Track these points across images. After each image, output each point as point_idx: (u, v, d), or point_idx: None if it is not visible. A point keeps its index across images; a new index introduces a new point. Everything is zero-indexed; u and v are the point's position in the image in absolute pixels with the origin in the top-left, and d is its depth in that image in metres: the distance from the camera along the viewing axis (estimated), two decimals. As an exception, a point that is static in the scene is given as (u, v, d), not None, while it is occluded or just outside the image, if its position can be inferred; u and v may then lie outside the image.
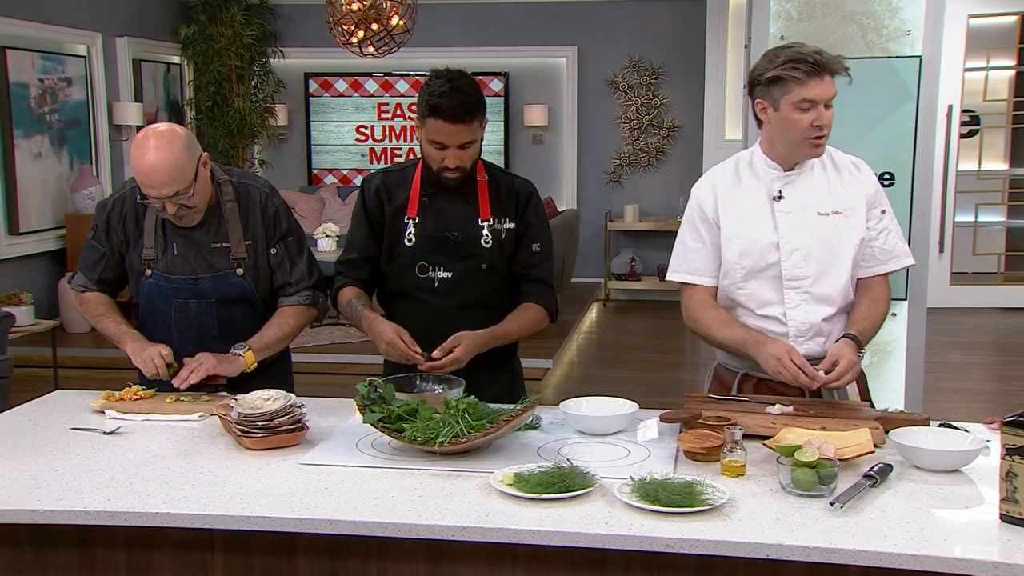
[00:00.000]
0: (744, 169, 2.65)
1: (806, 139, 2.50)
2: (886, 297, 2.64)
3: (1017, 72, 9.28)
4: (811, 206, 2.57)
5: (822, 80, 2.45)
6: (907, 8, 4.45)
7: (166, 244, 2.74)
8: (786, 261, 2.57)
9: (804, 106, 2.46)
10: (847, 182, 2.60)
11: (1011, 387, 6.62)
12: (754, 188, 2.61)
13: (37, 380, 5.86)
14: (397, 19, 7.13)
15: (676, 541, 1.81)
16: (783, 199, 2.58)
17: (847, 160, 2.65)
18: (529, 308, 2.78)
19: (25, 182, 7.35)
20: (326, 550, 1.98)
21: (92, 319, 2.85)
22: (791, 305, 2.58)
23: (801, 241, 2.56)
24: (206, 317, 2.76)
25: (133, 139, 2.63)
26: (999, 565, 1.71)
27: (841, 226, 2.57)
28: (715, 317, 2.63)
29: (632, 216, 9.19)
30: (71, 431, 2.48)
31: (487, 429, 2.20)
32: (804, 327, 2.58)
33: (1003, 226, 9.58)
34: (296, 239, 2.84)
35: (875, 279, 2.63)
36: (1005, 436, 1.86)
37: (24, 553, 2.07)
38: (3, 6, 7.09)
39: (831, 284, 2.58)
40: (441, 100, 2.56)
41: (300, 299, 2.83)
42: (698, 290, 2.68)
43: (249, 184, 2.80)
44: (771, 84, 2.49)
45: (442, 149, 2.62)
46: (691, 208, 2.69)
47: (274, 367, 2.89)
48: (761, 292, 2.60)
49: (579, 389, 6.13)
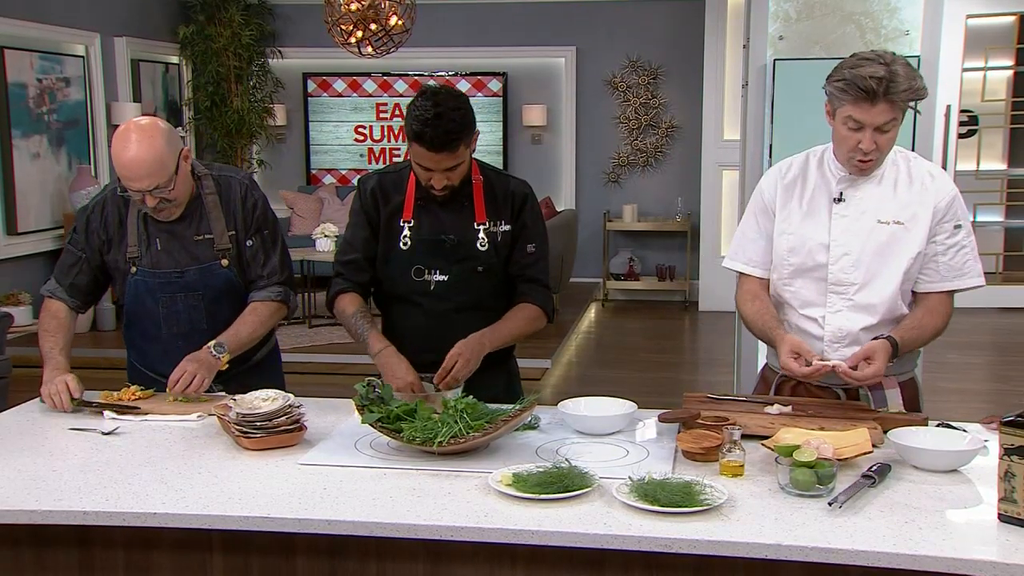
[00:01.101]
0: (813, 165, 2.58)
1: (851, 158, 2.44)
2: (945, 314, 2.53)
3: (1015, 72, 9.30)
4: (871, 212, 2.50)
5: (872, 107, 2.34)
6: (905, 8, 4.45)
7: (149, 240, 2.74)
8: (834, 265, 2.52)
9: (852, 124, 2.39)
10: (916, 191, 2.50)
11: (1009, 387, 6.62)
12: (818, 185, 2.56)
13: (35, 380, 5.76)
14: (395, 19, 7.13)
15: (675, 541, 1.81)
16: (843, 202, 2.51)
17: (924, 169, 2.54)
18: (525, 308, 2.77)
19: (23, 182, 7.35)
20: (325, 550, 1.98)
21: (40, 328, 2.81)
22: (832, 309, 2.54)
23: (852, 246, 2.50)
24: (194, 311, 2.76)
25: (115, 133, 2.62)
26: (997, 565, 1.71)
27: (899, 236, 2.49)
28: (756, 309, 2.60)
29: (631, 216, 9.19)
30: (70, 431, 2.48)
31: (486, 429, 2.20)
32: (841, 333, 2.53)
33: (1001, 226, 9.60)
34: (271, 233, 2.83)
35: (936, 296, 2.53)
36: (1003, 436, 1.86)
37: (23, 553, 2.07)
38: (1, 6, 7.09)
39: (876, 294, 2.51)
40: (425, 129, 2.51)
41: (271, 294, 2.81)
42: (750, 281, 2.65)
43: (229, 176, 2.80)
44: (832, 91, 2.42)
45: (427, 171, 2.61)
46: (755, 196, 2.66)
47: (265, 363, 2.93)
48: (806, 292, 2.57)
49: (578, 389, 6.13)
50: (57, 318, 2.81)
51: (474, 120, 2.61)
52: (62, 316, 2.82)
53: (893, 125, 2.40)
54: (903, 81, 2.35)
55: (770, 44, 4.62)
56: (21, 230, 7.34)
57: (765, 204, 2.62)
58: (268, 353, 2.98)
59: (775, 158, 4.60)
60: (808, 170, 2.58)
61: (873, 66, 2.35)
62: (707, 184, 9.03)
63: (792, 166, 2.62)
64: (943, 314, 2.54)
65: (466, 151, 2.61)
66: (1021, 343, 8.00)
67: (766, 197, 2.62)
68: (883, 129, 2.39)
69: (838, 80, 2.39)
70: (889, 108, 2.36)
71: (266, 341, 2.94)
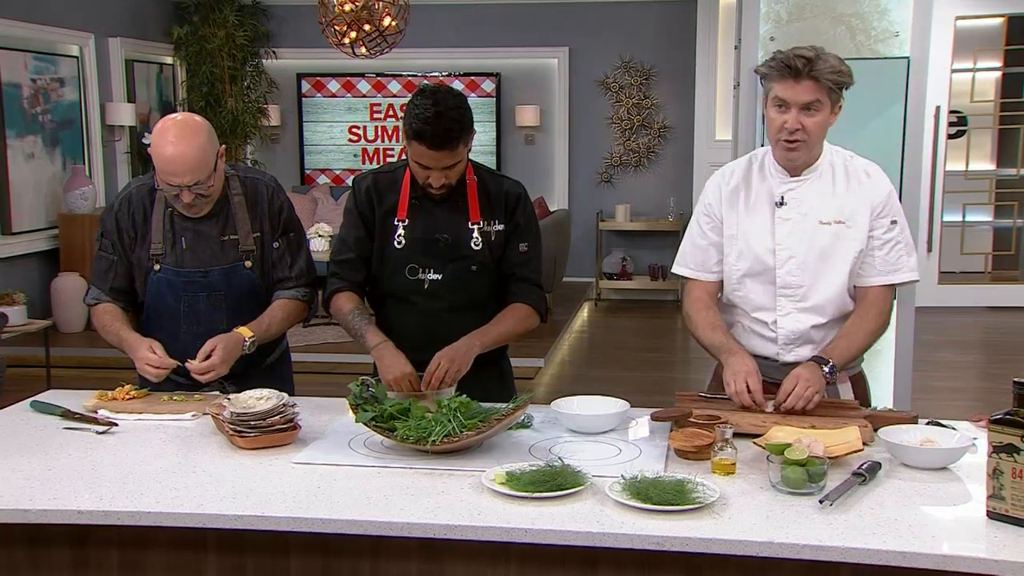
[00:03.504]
0: (755, 169, 2.62)
1: (778, 140, 2.48)
2: (881, 311, 2.56)
3: (1003, 73, 9.36)
4: (812, 214, 2.54)
5: (796, 83, 2.41)
6: (895, 10, 4.47)
7: (175, 238, 2.75)
8: (780, 269, 2.56)
9: (777, 103, 2.45)
10: (854, 189, 2.55)
11: (998, 385, 6.64)
12: (759, 190, 2.59)
13: (30, 380, 5.85)
14: (389, 20, 7.14)
15: (667, 539, 1.82)
16: (785, 205, 2.55)
17: (861, 167, 2.58)
18: (517, 308, 2.78)
19: (18, 182, 7.35)
20: (319, 549, 1.99)
21: (100, 331, 2.80)
22: (782, 312, 2.58)
23: (797, 249, 2.54)
24: (215, 311, 2.76)
25: (155, 128, 2.63)
26: (986, 561, 1.73)
27: (841, 235, 2.53)
28: (704, 318, 2.62)
29: (623, 216, 9.21)
30: (64, 431, 2.48)
31: (479, 428, 2.21)
32: (793, 335, 2.58)
33: (990, 226, 9.67)
34: (297, 235, 2.87)
35: (872, 290, 2.56)
36: (992, 434, 1.87)
37: (17, 552, 2.07)
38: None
39: (823, 294, 2.55)
40: (426, 127, 2.52)
41: (297, 294, 2.84)
42: (697, 286, 2.68)
43: (256, 178, 2.83)
44: (763, 79, 2.50)
45: (426, 169, 2.62)
46: (700, 203, 2.69)
47: (276, 367, 2.93)
48: (755, 296, 2.60)
49: (571, 388, 6.14)
50: (110, 312, 2.79)
51: (472, 119, 2.63)
52: (114, 310, 2.80)
53: (819, 108, 2.44)
54: (829, 61, 2.42)
55: (761, 45, 4.64)
56: (15, 230, 7.34)
57: (711, 210, 2.65)
58: (279, 356, 2.99)
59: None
60: (750, 175, 2.62)
61: (802, 49, 2.43)
62: (699, 184, 9.04)
63: (734, 173, 2.65)
64: (877, 312, 2.56)
65: (464, 150, 2.62)
66: (1009, 342, 8.05)
67: (711, 204, 2.65)
68: (809, 109, 2.43)
69: (770, 61, 2.46)
70: (814, 87, 2.41)
71: (277, 344, 2.95)
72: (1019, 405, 1.85)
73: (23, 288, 6.95)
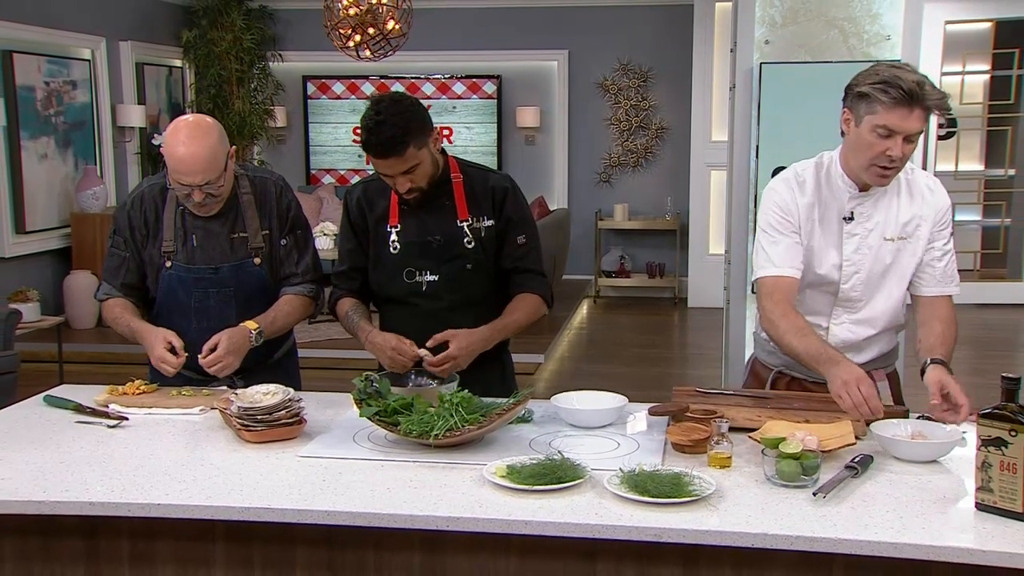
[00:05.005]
0: (823, 180, 2.53)
1: (873, 165, 2.39)
2: (955, 320, 2.52)
3: (992, 76, 9.44)
4: (877, 230, 2.50)
5: (910, 112, 2.30)
6: (887, 14, 4.51)
7: (186, 236, 2.79)
8: (845, 284, 2.53)
9: (882, 132, 2.33)
10: (917, 204, 2.51)
11: (986, 381, 6.65)
12: (829, 204, 2.52)
13: (43, 375, 5.89)
14: (393, 23, 7.17)
15: (664, 531, 1.84)
16: (853, 220, 2.50)
17: (923, 182, 2.54)
18: (524, 298, 2.80)
19: (31, 182, 7.41)
20: (324, 540, 2.01)
21: (112, 323, 2.84)
22: (836, 321, 2.57)
23: (862, 265, 2.52)
24: (225, 307, 2.80)
25: (167, 128, 2.67)
26: (974, 552, 1.76)
27: (902, 250, 2.51)
28: (791, 324, 2.45)
29: (622, 215, 9.25)
30: (76, 424, 2.51)
31: (480, 423, 2.23)
32: (843, 344, 2.54)
33: (979, 225, 9.79)
34: (304, 233, 2.91)
35: (941, 300, 2.54)
36: (981, 428, 1.90)
37: (31, 543, 2.10)
38: (10, 11, 7.15)
39: (879, 307, 2.55)
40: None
41: (304, 290, 2.88)
42: (777, 288, 2.50)
43: (265, 177, 2.87)
44: (860, 98, 2.36)
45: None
46: (769, 207, 2.55)
47: (284, 362, 2.98)
48: (812, 302, 2.58)
49: (570, 383, 6.12)
50: (120, 304, 2.83)
51: (423, 121, 2.60)
52: (125, 302, 2.83)
53: (919, 136, 2.36)
54: (933, 87, 2.33)
55: (756, 48, 4.68)
56: (29, 229, 7.41)
57: (787, 216, 2.53)
58: (287, 352, 3.03)
59: (761, 158, 4.67)
60: (819, 187, 2.53)
61: (903, 69, 2.33)
62: (696, 184, 9.09)
63: (806, 183, 2.54)
64: (955, 321, 2.53)
65: (420, 152, 2.60)
66: (997, 338, 8.08)
67: (788, 211, 2.53)
68: (911, 138, 2.35)
69: (874, 83, 2.32)
70: (923, 115, 2.32)
71: (285, 340, 2.99)
72: (1007, 399, 1.88)
73: (36, 286, 7.03)
